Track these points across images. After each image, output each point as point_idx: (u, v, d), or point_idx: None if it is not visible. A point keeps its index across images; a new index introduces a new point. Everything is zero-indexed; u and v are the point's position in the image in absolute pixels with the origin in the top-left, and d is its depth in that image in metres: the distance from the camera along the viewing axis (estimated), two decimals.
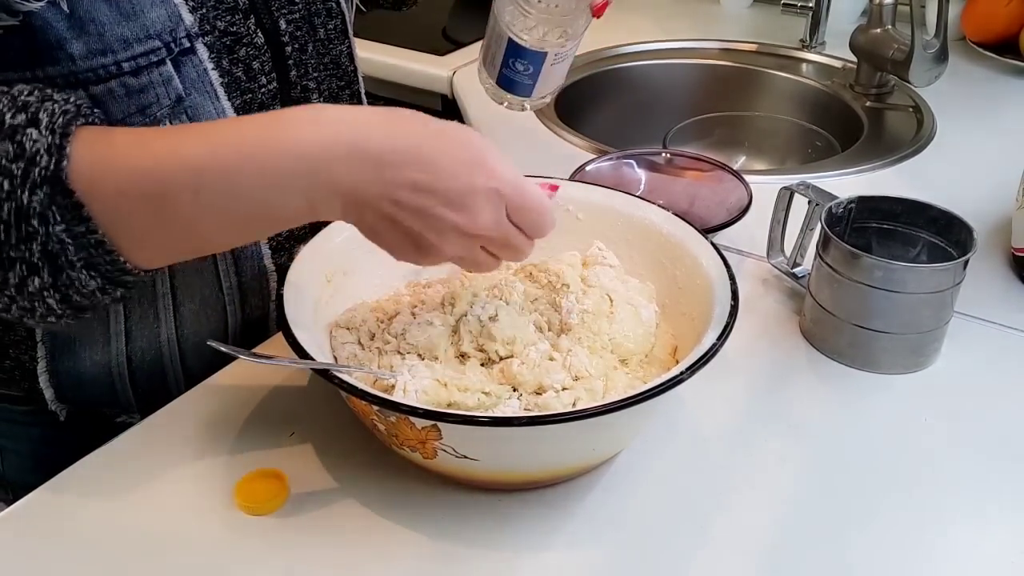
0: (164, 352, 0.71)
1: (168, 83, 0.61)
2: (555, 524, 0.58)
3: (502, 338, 0.62)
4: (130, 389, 0.72)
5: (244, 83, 0.67)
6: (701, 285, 0.64)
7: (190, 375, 0.72)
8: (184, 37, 0.61)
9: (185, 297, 0.70)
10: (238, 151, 0.51)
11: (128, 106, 0.60)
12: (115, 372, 0.71)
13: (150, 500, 0.60)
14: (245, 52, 0.67)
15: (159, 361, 0.71)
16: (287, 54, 0.71)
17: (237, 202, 0.52)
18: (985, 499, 0.60)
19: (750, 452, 0.64)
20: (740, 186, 0.88)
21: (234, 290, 0.72)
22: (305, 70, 0.73)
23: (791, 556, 0.56)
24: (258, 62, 0.68)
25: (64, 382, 0.70)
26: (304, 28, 0.72)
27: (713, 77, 1.38)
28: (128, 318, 0.68)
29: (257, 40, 0.67)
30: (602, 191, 0.74)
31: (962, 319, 0.76)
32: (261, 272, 0.73)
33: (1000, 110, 1.17)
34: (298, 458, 0.63)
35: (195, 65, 0.63)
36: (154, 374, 0.72)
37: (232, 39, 0.65)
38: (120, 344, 0.69)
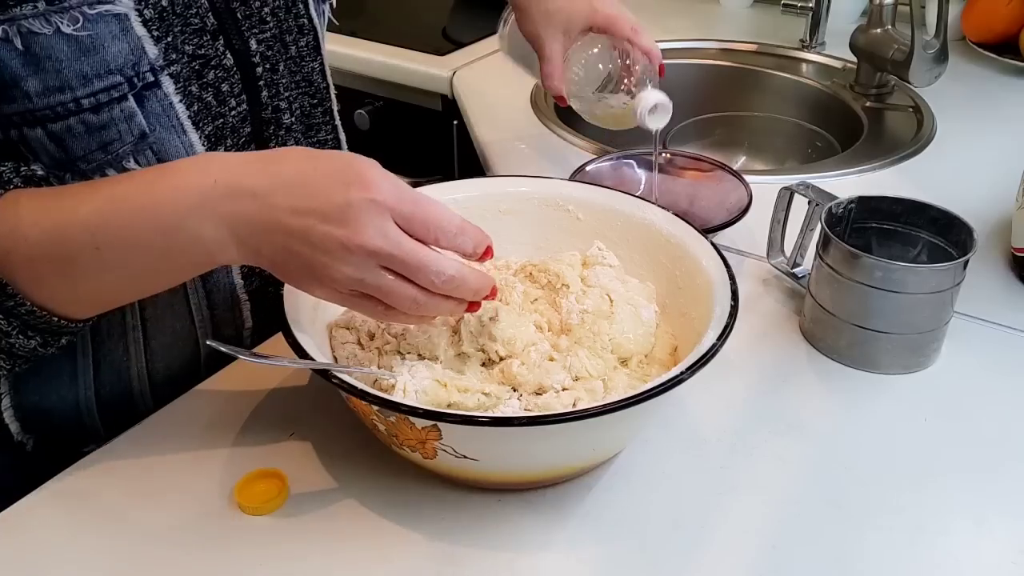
0: (134, 386, 0.70)
1: (131, 119, 0.60)
2: (555, 524, 0.58)
3: (502, 338, 0.62)
4: (99, 421, 0.71)
5: (214, 107, 0.66)
6: (701, 285, 0.64)
7: (162, 405, 0.70)
8: (148, 71, 0.60)
9: (156, 331, 0.69)
10: (130, 205, 0.53)
11: (89, 143, 0.59)
12: (83, 406, 0.69)
13: (150, 500, 0.60)
14: (214, 75, 0.65)
15: (128, 394, 0.71)
16: (258, 75, 0.69)
17: (137, 254, 0.54)
18: (985, 499, 0.60)
19: (750, 452, 0.64)
20: (740, 186, 0.88)
21: (206, 321, 0.72)
22: (276, 90, 0.72)
23: (791, 556, 0.56)
24: (227, 84, 0.67)
25: (30, 416, 0.69)
26: (275, 47, 0.71)
27: (713, 77, 1.38)
28: (96, 351, 0.68)
29: (226, 62, 0.66)
30: (602, 191, 0.74)
31: (962, 319, 0.76)
32: (233, 301, 0.73)
33: (1000, 110, 1.17)
34: (298, 458, 0.63)
35: (160, 99, 0.61)
36: (123, 407, 0.71)
37: (200, 63, 0.64)
38: (88, 378, 0.68)
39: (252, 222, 0.52)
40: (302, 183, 0.52)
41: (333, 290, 0.54)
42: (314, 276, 0.53)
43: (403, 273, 0.53)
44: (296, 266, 0.53)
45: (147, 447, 0.64)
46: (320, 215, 0.51)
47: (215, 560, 0.56)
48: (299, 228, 0.51)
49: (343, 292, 0.54)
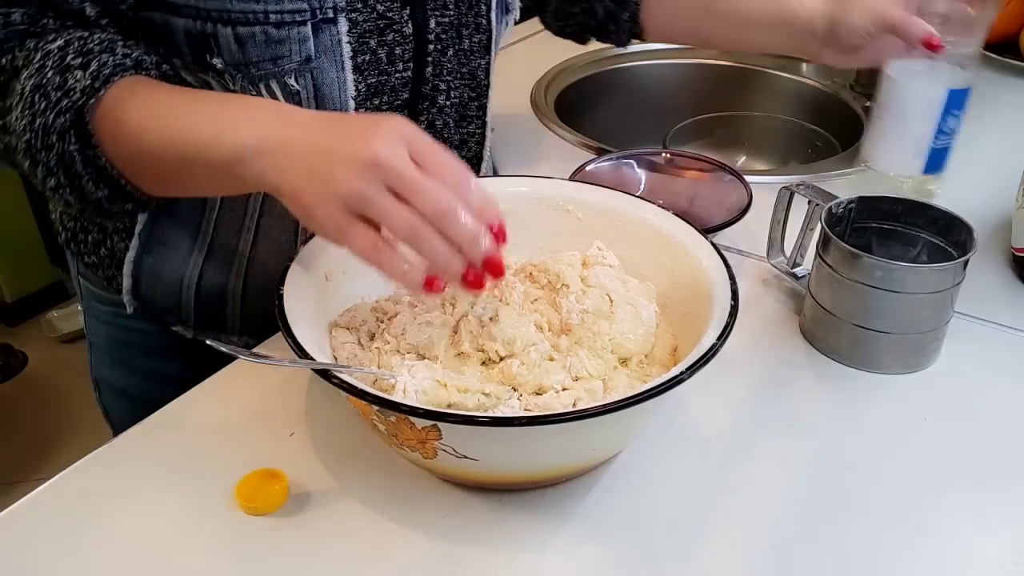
0: (231, 281, 0.78)
1: (303, 42, 0.66)
2: (555, 524, 0.58)
3: (502, 338, 0.62)
4: (193, 304, 0.79)
5: (383, 64, 0.72)
6: (701, 285, 0.64)
7: (247, 311, 0.80)
8: (330, 8, 0.66)
9: (265, 236, 0.76)
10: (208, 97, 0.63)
11: (264, 52, 0.66)
12: (185, 284, 0.78)
13: (150, 500, 0.60)
14: (393, 37, 0.72)
15: (224, 287, 0.78)
16: (428, 51, 0.75)
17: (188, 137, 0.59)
18: (985, 499, 0.60)
19: (750, 452, 0.64)
20: (740, 186, 0.88)
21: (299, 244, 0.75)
22: (440, 70, 0.77)
23: (791, 556, 0.56)
24: (401, 48, 0.73)
25: (142, 277, 0.78)
26: (450, 33, 0.77)
27: (713, 77, 1.38)
28: (214, 239, 0.76)
29: (406, 30, 0.73)
30: (602, 191, 0.74)
31: (962, 319, 0.76)
32: None
33: (1000, 110, 1.17)
34: (298, 458, 0.63)
35: (331, 35, 0.68)
36: (216, 298, 0.79)
37: (385, 23, 0.71)
38: (199, 259, 0.77)
39: (288, 142, 0.56)
40: (345, 119, 0.58)
41: (337, 210, 0.54)
42: (325, 193, 0.54)
43: (405, 193, 0.53)
44: (309, 184, 0.55)
45: (147, 447, 0.64)
46: (347, 138, 0.55)
47: (215, 560, 0.56)
48: (326, 146, 0.55)
49: (344, 213, 0.54)
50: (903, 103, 0.87)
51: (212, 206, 0.75)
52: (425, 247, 0.54)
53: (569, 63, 1.33)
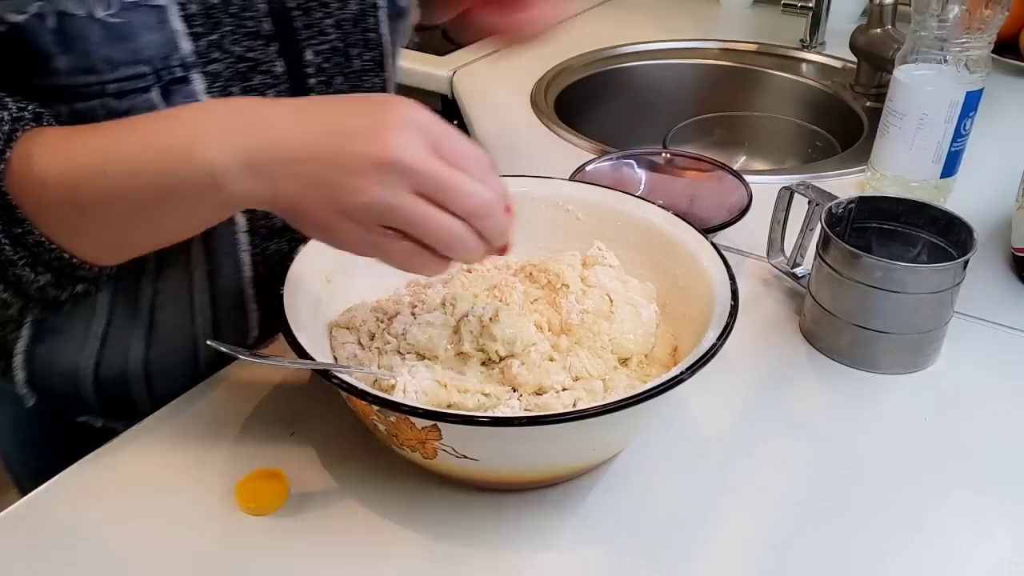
0: (130, 368, 0.70)
1: (151, 111, 0.58)
2: (555, 524, 0.58)
3: (502, 338, 0.62)
4: (93, 393, 0.72)
5: None
6: (701, 285, 0.64)
7: (155, 393, 0.72)
8: (178, 66, 0.58)
9: (161, 319, 0.69)
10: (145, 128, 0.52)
11: None
12: (82, 374, 0.70)
13: (150, 500, 0.60)
14: (260, 80, 0.64)
15: (124, 374, 0.71)
16: (309, 86, 0.68)
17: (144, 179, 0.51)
18: (985, 499, 0.60)
19: (750, 452, 0.64)
20: (740, 186, 0.88)
21: (207, 324, 0.71)
22: None
23: (791, 556, 0.56)
24: (274, 91, 0.65)
25: (37, 368, 0.71)
26: (335, 59, 0.69)
27: (713, 77, 1.38)
28: (108, 324, 0.68)
29: (276, 69, 0.65)
30: (602, 191, 0.74)
31: (962, 319, 0.76)
32: (242, 311, 0.72)
33: (1000, 110, 1.17)
34: (298, 458, 0.63)
35: (186, 96, 0.60)
36: (119, 385, 0.71)
37: (248, 65, 0.63)
38: (94, 346, 0.69)
39: (275, 148, 0.49)
40: (334, 107, 0.50)
41: (359, 225, 0.49)
42: (339, 207, 0.48)
43: (435, 195, 0.48)
44: (318, 199, 0.48)
45: (147, 447, 0.64)
46: (351, 134, 0.47)
47: (215, 560, 0.56)
48: (328, 149, 0.48)
49: (369, 228, 0.49)
50: (922, 108, 0.87)
51: (104, 290, 0.67)
52: (465, 249, 0.50)
53: (569, 63, 1.33)
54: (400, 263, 0.51)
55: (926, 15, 0.85)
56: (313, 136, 0.48)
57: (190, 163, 0.49)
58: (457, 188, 0.48)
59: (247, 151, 0.49)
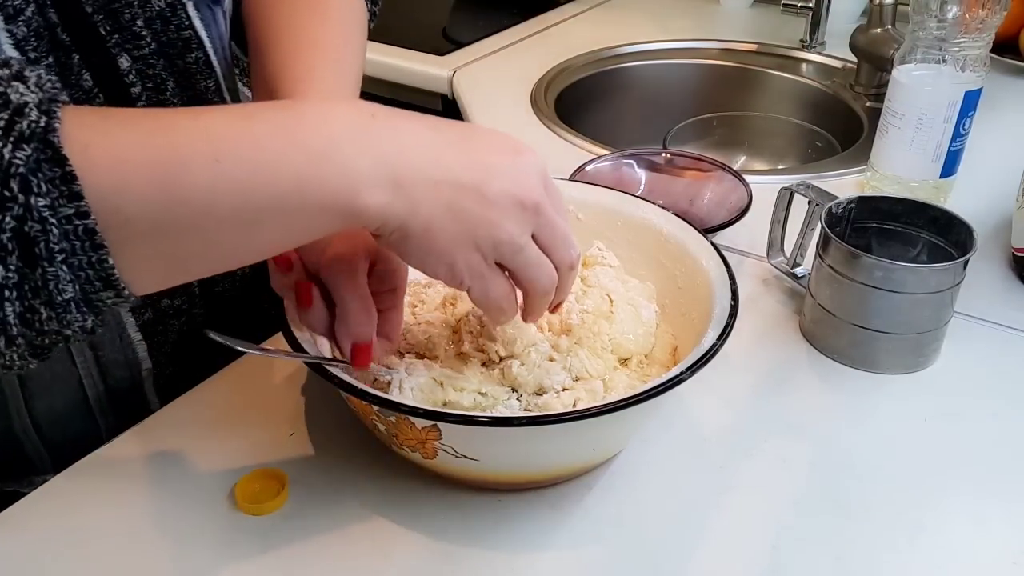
0: (15, 425, 0.66)
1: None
2: (555, 524, 0.58)
3: (503, 339, 0.62)
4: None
5: None
6: (701, 285, 0.64)
7: (51, 445, 0.67)
8: None
9: (29, 374, 0.62)
10: (267, 119, 0.44)
11: None
12: None
13: (150, 500, 0.60)
14: (70, 96, 0.54)
15: (10, 432, 0.66)
16: (134, 95, 0.61)
17: (266, 176, 0.42)
18: (985, 499, 0.60)
19: (750, 452, 0.64)
20: (740, 186, 0.88)
21: (90, 363, 0.66)
22: None
23: (791, 556, 0.56)
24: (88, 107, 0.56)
25: None
26: (159, 64, 0.62)
27: (713, 77, 1.38)
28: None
29: (84, 83, 0.57)
30: (602, 191, 0.74)
31: (962, 319, 0.76)
32: (125, 343, 0.67)
33: (1000, 110, 1.17)
34: (298, 458, 0.63)
35: None
36: (6, 445, 0.66)
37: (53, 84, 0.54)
38: None
39: (421, 168, 0.45)
40: (468, 136, 0.48)
41: (481, 257, 0.48)
42: (472, 237, 0.47)
43: (549, 242, 0.50)
44: (455, 225, 0.47)
45: (147, 447, 0.64)
46: (494, 169, 0.47)
47: (215, 560, 0.56)
48: (474, 179, 0.46)
49: (488, 262, 0.49)
50: (922, 108, 0.87)
51: None
52: (546, 296, 0.52)
53: (569, 63, 1.34)
54: (494, 301, 0.51)
55: (925, 15, 0.85)
56: (459, 162, 0.46)
57: (329, 163, 0.43)
58: (567, 240, 0.51)
59: (392, 164, 0.45)
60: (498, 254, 0.49)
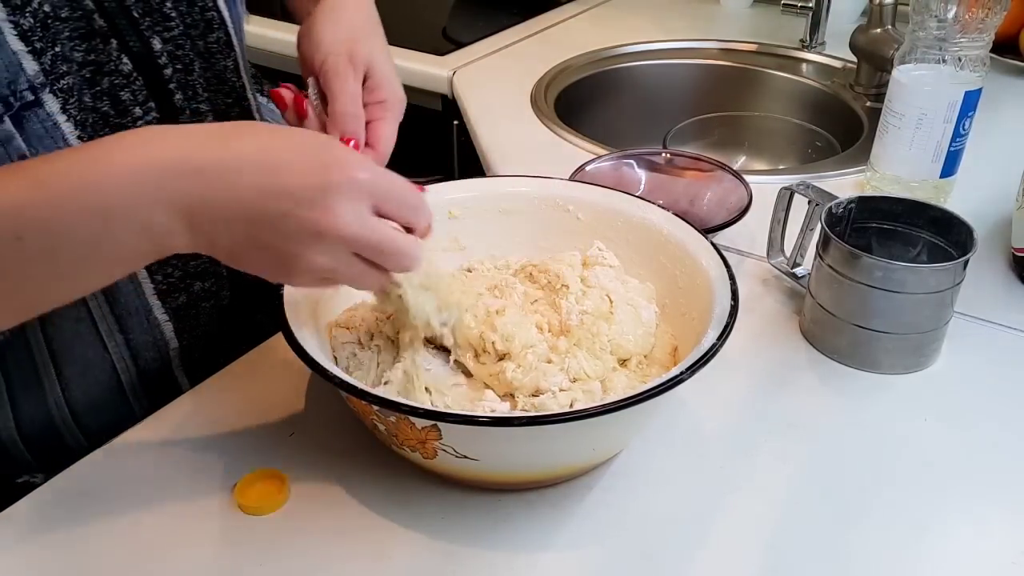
0: (55, 416, 0.68)
1: (8, 143, 0.54)
2: (555, 524, 0.58)
3: (503, 332, 0.62)
4: (26, 452, 0.69)
5: (112, 118, 0.60)
6: (701, 285, 0.64)
7: (89, 432, 0.70)
8: (26, 90, 0.54)
9: (67, 361, 0.66)
10: (61, 186, 0.46)
11: None
12: (6, 438, 0.67)
13: (150, 500, 0.60)
14: (109, 82, 0.59)
15: (51, 424, 0.68)
16: (166, 77, 0.64)
17: (68, 243, 0.46)
18: (985, 499, 0.60)
19: (750, 452, 0.64)
20: (740, 186, 0.88)
21: (121, 347, 0.68)
22: (193, 92, 0.66)
23: (791, 556, 0.56)
24: (128, 92, 0.61)
25: None
26: (186, 45, 0.65)
27: (713, 77, 1.38)
28: (10, 387, 0.66)
29: (123, 67, 0.60)
30: (602, 191, 0.74)
31: (962, 319, 0.76)
32: (152, 325, 0.69)
33: (1000, 110, 1.17)
34: (298, 458, 0.63)
35: (41, 119, 0.56)
36: (49, 437, 0.69)
37: (92, 69, 0.58)
38: (7, 411, 0.66)
39: (210, 206, 0.46)
40: (272, 161, 0.47)
41: (301, 278, 0.50)
42: (282, 267, 0.49)
43: (375, 259, 0.50)
44: (257, 254, 0.48)
45: (147, 447, 0.64)
46: (294, 199, 0.46)
47: (215, 560, 0.56)
48: (268, 215, 0.46)
49: (314, 280, 0.50)
50: (922, 108, 0.87)
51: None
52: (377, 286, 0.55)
53: (569, 63, 1.34)
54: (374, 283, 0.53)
55: (924, 15, 0.85)
56: (252, 194, 0.46)
57: (125, 226, 0.46)
58: (398, 255, 0.50)
59: (186, 209, 0.46)
60: (315, 278, 0.50)
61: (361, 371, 0.63)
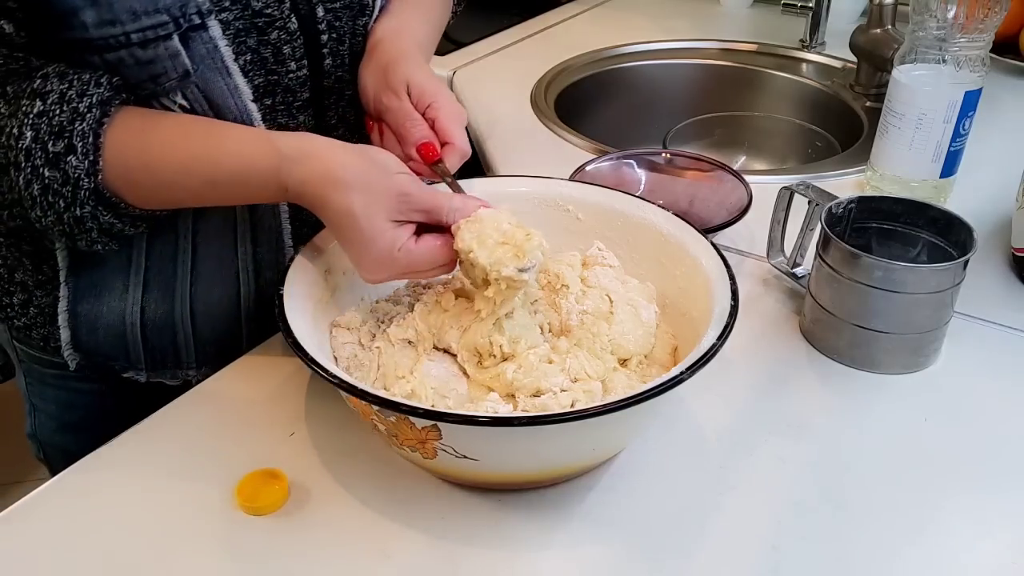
0: (176, 308, 0.74)
1: (175, 57, 0.62)
2: (555, 524, 0.58)
3: (511, 335, 0.62)
4: (140, 343, 0.75)
5: (270, 63, 0.68)
6: (701, 285, 0.64)
7: (199, 337, 0.75)
8: (195, 13, 0.62)
9: (204, 255, 0.73)
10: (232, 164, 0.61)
11: (140, 74, 0.62)
12: (128, 322, 0.73)
13: (150, 500, 0.60)
14: (277, 36, 0.67)
15: (170, 317, 0.74)
16: (323, 42, 0.71)
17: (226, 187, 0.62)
18: (985, 499, 0.60)
19: (750, 452, 0.64)
20: (740, 186, 0.88)
21: (249, 258, 0.74)
22: (341, 60, 0.73)
23: (791, 556, 0.56)
24: (289, 47, 0.68)
25: (81, 326, 0.73)
26: (344, 18, 0.73)
27: (713, 77, 1.38)
28: (148, 270, 0.72)
29: (291, 25, 0.68)
30: (602, 191, 0.74)
31: (962, 319, 0.76)
32: (278, 246, 0.75)
33: (1000, 110, 1.17)
34: (298, 458, 0.63)
35: (205, 42, 0.63)
36: (164, 330, 0.74)
37: (265, 20, 0.66)
38: (137, 294, 0.72)
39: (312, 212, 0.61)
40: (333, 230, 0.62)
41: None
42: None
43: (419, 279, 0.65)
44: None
45: (147, 447, 0.64)
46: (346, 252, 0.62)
47: (215, 560, 0.56)
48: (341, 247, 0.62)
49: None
50: (922, 108, 0.87)
51: (139, 237, 0.71)
52: None
53: (569, 63, 1.34)
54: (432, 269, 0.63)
55: (924, 15, 0.85)
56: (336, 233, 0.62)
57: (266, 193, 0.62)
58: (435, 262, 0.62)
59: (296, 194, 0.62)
60: None
61: (361, 371, 0.63)
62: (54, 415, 0.85)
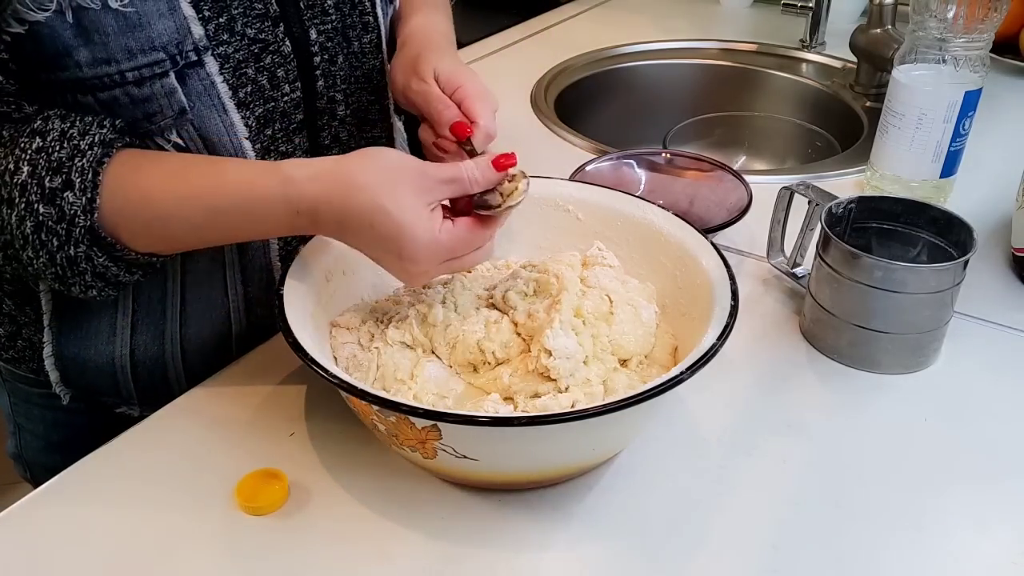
0: (167, 349, 0.73)
1: (171, 95, 0.61)
2: (555, 524, 0.58)
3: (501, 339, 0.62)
4: (131, 381, 0.74)
5: (267, 91, 0.67)
6: (701, 285, 0.64)
7: (191, 373, 0.74)
8: (191, 51, 0.61)
9: (193, 296, 0.71)
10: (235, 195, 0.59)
11: (134, 112, 0.61)
12: (118, 364, 0.72)
13: (150, 500, 0.60)
14: (271, 60, 0.67)
15: (161, 357, 0.73)
16: (315, 64, 0.71)
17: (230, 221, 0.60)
18: (985, 499, 0.60)
19: (750, 452, 0.64)
20: (740, 186, 0.88)
21: (239, 298, 0.73)
22: (333, 81, 0.73)
23: (791, 556, 0.56)
24: (283, 70, 0.68)
25: (69, 367, 0.73)
26: (336, 39, 0.73)
27: (713, 77, 1.38)
28: (135, 312, 0.71)
29: (284, 48, 0.68)
30: (602, 191, 0.74)
31: (962, 319, 0.76)
32: (269, 283, 0.74)
33: (1000, 110, 1.17)
34: (298, 458, 0.63)
35: (201, 79, 0.63)
36: (155, 369, 0.73)
37: (260, 47, 0.66)
38: (125, 336, 0.71)
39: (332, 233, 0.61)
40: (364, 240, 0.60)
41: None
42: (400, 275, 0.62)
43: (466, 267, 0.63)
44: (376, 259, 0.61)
45: (147, 447, 0.64)
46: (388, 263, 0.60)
47: (215, 560, 0.56)
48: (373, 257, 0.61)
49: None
50: (922, 108, 0.87)
51: None
52: None
53: (569, 63, 1.34)
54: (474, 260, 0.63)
55: (924, 15, 0.85)
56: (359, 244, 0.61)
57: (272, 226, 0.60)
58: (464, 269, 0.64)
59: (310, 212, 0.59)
60: None
61: (361, 371, 0.63)
62: (41, 435, 0.83)
